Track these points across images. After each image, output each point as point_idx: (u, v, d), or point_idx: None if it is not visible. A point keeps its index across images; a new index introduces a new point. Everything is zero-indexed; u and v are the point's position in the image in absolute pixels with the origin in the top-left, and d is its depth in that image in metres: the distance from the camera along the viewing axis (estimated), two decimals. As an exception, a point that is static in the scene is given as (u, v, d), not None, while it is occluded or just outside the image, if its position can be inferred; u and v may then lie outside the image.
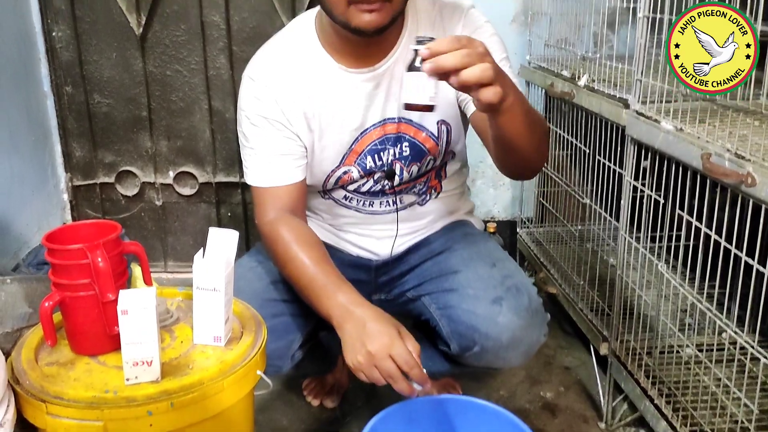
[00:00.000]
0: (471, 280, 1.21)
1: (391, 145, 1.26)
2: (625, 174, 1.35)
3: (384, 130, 1.25)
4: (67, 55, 2.07)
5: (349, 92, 1.22)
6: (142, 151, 2.18)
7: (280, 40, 1.26)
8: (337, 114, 1.23)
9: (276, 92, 1.22)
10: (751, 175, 0.90)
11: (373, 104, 1.23)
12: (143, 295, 0.89)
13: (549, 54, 1.92)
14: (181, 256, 2.30)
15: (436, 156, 1.30)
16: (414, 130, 1.26)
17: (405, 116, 1.25)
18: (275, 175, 1.24)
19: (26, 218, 1.98)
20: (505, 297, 1.17)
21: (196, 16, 2.04)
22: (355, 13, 1.07)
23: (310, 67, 1.22)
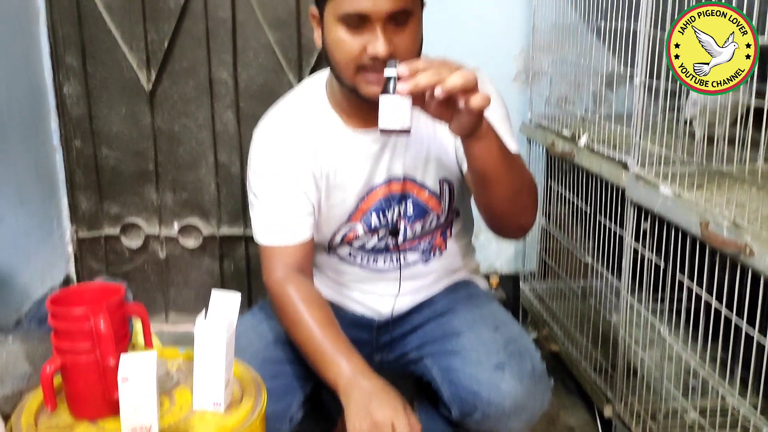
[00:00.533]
0: (474, 343, 1.21)
1: (396, 203, 1.28)
2: (625, 236, 1.35)
3: (389, 188, 1.27)
4: (78, 109, 2.12)
5: (356, 152, 1.24)
6: (148, 204, 2.21)
7: (291, 100, 1.29)
8: (345, 173, 1.25)
9: (285, 151, 1.24)
10: (749, 245, 0.91)
11: (380, 164, 1.25)
12: (144, 361, 0.89)
13: (550, 112, 1.95)
14: (183, 308, 2.30)
15: (439, 214, 1.31)
16: (417, 188, 1.28)
17: (410, 175, 1.26)
18: (283, 233, 1.25)
19: (30, 271, 1.99)
20: (508, 363, 1.16)
21: (205, 73, 2.09)
22: (362, 81, 1.10)
23: (319, 127, 1.24)
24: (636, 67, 1.27)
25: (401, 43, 1.08)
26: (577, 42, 1.78)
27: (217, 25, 2.06)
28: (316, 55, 2.07)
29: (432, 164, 1.26)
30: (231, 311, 1.03)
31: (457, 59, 1.33)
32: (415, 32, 1.11)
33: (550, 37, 1.94)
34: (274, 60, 2.08)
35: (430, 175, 1.27)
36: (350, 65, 1.10)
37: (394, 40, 1.08)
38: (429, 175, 1.27)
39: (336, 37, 1.09)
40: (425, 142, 1.25)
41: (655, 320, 1.31)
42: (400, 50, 1.08)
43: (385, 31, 1.06)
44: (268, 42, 2.06)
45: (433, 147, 1.25)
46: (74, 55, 2.07)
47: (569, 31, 1.85)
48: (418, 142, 1.25)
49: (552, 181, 1.97)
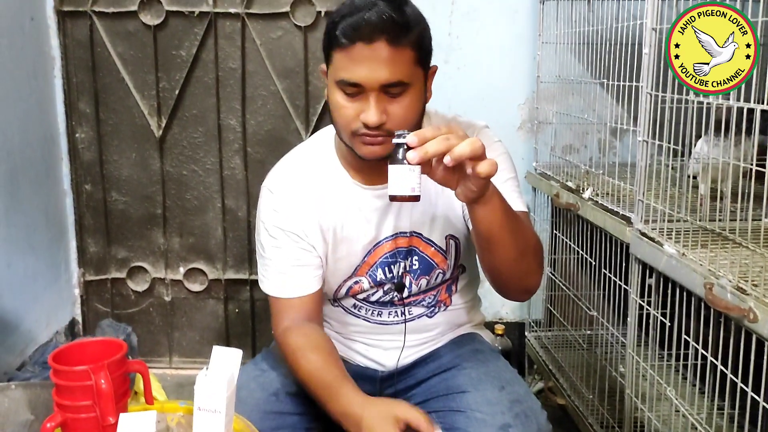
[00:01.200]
0: (479, 403, 1.19)
1: (402, 258, 1.28)
2: (630, 291, 1.35)
3: (396, 243, 1.27)
4: (89, 155, 2.15)
5: (363, 207, 1.25)
6: (155, 248, 2.22)
7: (299, 152, 1.31)
8: (352, 228, 1.26)
9: (293, 205, 1.25)
10: (753, 311, 0.90)
11: (387, 218, 1.26)
12: (142, 421, 0.88)
13: (555, 162, 1.97)
14: (187, 351, 2.30)
15: (445, 270, 1.31)
16: (423, 244, 1.28)
17: (417, 230, 1.27)
18: (291, 286, 1.25)
19: (36, 314, 2.00)
20: (513, 425, 1.14)
21: (214, 120, 2.12)
22: (359, 143, 1.13)
23: (327, 181, 1.26)
24: (638, 125, 1.28)
25: (395, 112, 1.10)
26: (582, 93, 1.80)
27: (227, 74, 2.10)
28: (323, 102, 2.11)
29: (439, 220, 1.27)
30: (232, 367, 1.02)
31: (462, 109, 1.36)
32: (412, 103, 1.12)
33: (554, 88, 1.97)
34: (282, 107, 2.12)
35: (436, 231, 1.27)
36: (347, 128, 1.12)
37: (388, 110, 1.09)
38: (435, 231, 1.27)
39: (335, 100, 1.12)
40: (433, 198, 1.26)
41: (661, 378, 1.30)
42: (393, 120, 1.10)
43: (378, 101, 1.08)
44: (277, 90, 2.10)
45: (441, 203, 1.26)
46: (87, 102, 2.11)
47: (573, 83, 1.87)
48: (426, 197, 1.26)
49: (557, 231, 1.97)
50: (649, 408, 1.34)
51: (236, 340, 2.25)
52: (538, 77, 2.00)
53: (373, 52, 1.06)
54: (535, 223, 2.09)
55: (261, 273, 1.29)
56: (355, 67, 1.07)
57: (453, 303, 1.38)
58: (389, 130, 1.11)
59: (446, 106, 2.10)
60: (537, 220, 2.08)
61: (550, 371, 1.89)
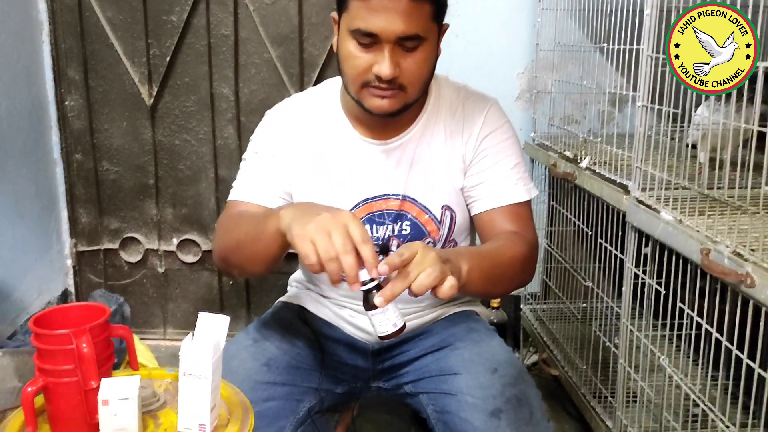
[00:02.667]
0: (471, 387, 1.17)
1: (390, 221, 1.26)
2: (626, 260, 1.33)
3: (386, 204, 1.25)
4: (79, 123, 2.12)
5: (358, 159, 1.23)
6: (147, 219, 2.20)
7: (308, 94, 1.30)
8: (344, 176, 1.24)
9: (287, 133, 1.24)
10: (750, 275, 0.88)
11: (380, 176, 1.24)
12: (125, 385, 0.87)
13: (553, 132, 1.94)
14: (181, 323, 2.29)
15: (436, 240, 1.28)
16: (417, 210, 1.26)
17: (410, 195, 1.25)
18: (254, 193, 1.24)
19: (27, 284, 1.98)
20: (504, 410, 1.12)
21: (206, 89, 2.09)
22: (368, 95, 1.11)
23: (328, 126, 1.25)
24: (638, 90, 1.25)
25: (408, 67, 1.09)
26: (582, 61, 1.77)
27: (219, 41, 2.05)
28: (318, 70, 2.07)
29: (437, 189, 1.25)
30: (218, 334, 1.00)
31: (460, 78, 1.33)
32: (425, 58, 1.11)
33: (553, 56, 1.93)
34: (275, 75, 2.08)
35: (433, 199, 1.25)
36: (357, 80, 1.11)
37: (402, 64, 1.08)
38: (432, 199, 1.25)
39: (347, 50, 1.10)
40: (433, 165, 1.24)
41: (655, 348, 1.28)
42: (406, 74, 1.09)
43: (393, 53, 1.07)
44: (270, 58, 2.06)
45: (441, 172, 1.24)
46: (76, 69, 2.07)
47: (573, 50, 1.84)
48: (426, 165, 1.24)
49: (554, 201, 1.94)
50: (643, 378, 1.33)
51: (230, 311, 2.24)
52: (538, 45, 1.96)
53: (392, 3, 1.04)
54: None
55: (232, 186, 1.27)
56: (372, 16, 1.05)
57: None
58: (401, 84, 1.10)
59: (445, 74, 2.05)
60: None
61: (545, 343, 1.88)
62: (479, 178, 1.23)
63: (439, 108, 1.24)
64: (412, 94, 1.13)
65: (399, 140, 1.23)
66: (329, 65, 2.06)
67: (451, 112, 1.24)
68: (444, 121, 1.24)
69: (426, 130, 1.24)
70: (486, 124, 1.23)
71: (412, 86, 1.12)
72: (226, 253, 1.21)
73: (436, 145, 1.24)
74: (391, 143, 1.23)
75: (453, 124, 1.23)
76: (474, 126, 1.23)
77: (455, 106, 1.24)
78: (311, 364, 1.30)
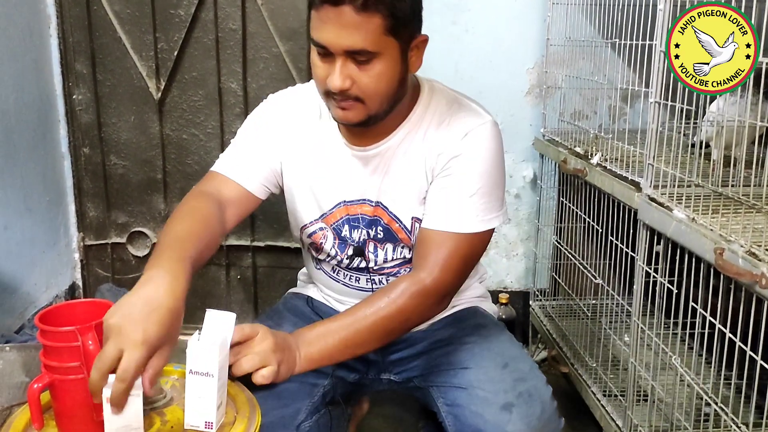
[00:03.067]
0: (482, 380, 1.16)
1: (365, 225, 1.26)
2: (637, 259, 1.31)
3: (362, 209, 1.25)
4: (87, 117, 2.11)
5: (340, 162, 1.23)
6: (155, 213, 2.19)
7: (310, 87, 1.28)
8: (326, 176, 1.25)
9: (283, 123, 1.25)
10: (765, 276, 0.86)
11: (358, 181, 1.24)
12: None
13: (563, 128, 1.92)
14: (189, 318, 2.25)
15: (410, 246, 1.28)
16: (389, 218, 1.25)
17: (383, 203, 1.24)
18: (238, 171, 1.23)
19: (35, 278, 1.98)
20: (516, 404, 1.11)
21: (214, 83, 2.08)
22: (332, 105, 1.11)
23: (318, 124, 1.25)
24: (651, 86, 1.23)
25: (361, 80, 1.07)
26: (593, 56, 1.75)
27: (227, 35, 2.04)
28: (327, 65, 2.05)
29: (408, 200, 1.23)
30: (225, 331, 1.00)
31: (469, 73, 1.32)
32: (382, 73, 1.07)
33: (564, 52, 1.91)
34: (284, 70, 2.07)
35: (403, 209, 1.24)
36: (320, 88, 1.12)
37: (354, 77, 1.07)
38: (402, 209, 1.24)
39: (312, 59, 1.11)
40: (408, 177, 1.23)
41: (666, 346, 1.26)
42: (361, 86, 1.08)
43: (344, 66, 1.06)
44: (279, 52, 2.05)
45: (409, 183, 1.23)
46: (84, 63, 2.07)
47: (584, 45, 1.82)
48: (400, 175, 1.23)
49: (564, 198, 1.93)
50: (653, 377, 1.31)
51: (238, 306, 2.24)
52: (548, 40, 1.94)
53: (338, 16, 1.02)
54: (541, 191, 2.05)
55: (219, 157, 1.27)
56: (322, 28, 1.04)
57: None
58: (357, 96, 1.09)
59: (453, 69, 2.05)
60: (544, 187, 2.04)
61: (554, 340, 1.86)
62: (434, 194, 1.20)
63: (424, 119, 1.21)
64: (372, 106, 1.10)
65: (377, 148, 1.21)
66: (337, 59, 2.04)
67: (436, 124, 1.20)
68: (426, 131, 1.21)
69: (404, 141, 1.21)
70: (464, 143, 1.17)
71: (370, 99, 1.09)
72: None
73: (413, 155, 1.21)
74: (370, 150, 1.22)
75: (435, 136, 1.20)
76: (451, 141, 1.18)
77: (444, 118, 1.20)
78: None
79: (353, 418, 1.64)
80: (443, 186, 1.19)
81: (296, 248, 2.16)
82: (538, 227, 2.10)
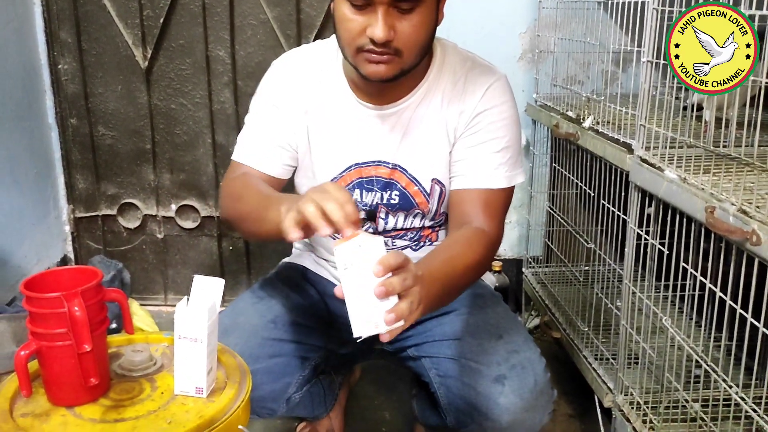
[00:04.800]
0: (475, 352, 1.16)
1: (379, 188, 1.24)
2: (629, 221, 1.31)
3: (377, 170, 1.23)
4: (73, 87, 2.08)
5: (353, 122, 1.21)
6: (145, 184, 2.17)
7: (314, 48, 1.27)
8: (338, 138, 1.22)
9: (292, 89, 1.23)
10: (756, 233, 0.86)
11: (373, 142, 1.21)
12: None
13: (556, 93, 1.90)
14: (182, 289, 2.28)
15: (425, 213, 1.26)
16: (407, 180, 1.23)
17: (401, 164, 1.22)
18: (259, 159, 1.23)
19: (25, 250, 1.97)
20: (508, 376, 1.11)
21: (202, 51, 2.04)
22: (363, 61, 1.07)
23: (327, 84, 1.22)
24: (643, 45, 1.21)
25: (403, 30, 1.04)
26: (585, 18, 1.72)
27: (213, 1, 2.01)
28: (316, 31, 2.02)
29: (426, 161, 1.22)
30: (214, 296, 0.99)
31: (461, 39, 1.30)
32: (422, 21, 1.05)
33: (557, 14, 1.88)
34: (272, 37, 2.03)
35: (422, 171, 1.23)
36: (351, 44, 1.07)
37: (397, 27, 1.04)
38: (421, 171, 1.23)
39: (341, 14, 1.06)
40: (427, 137, 1.21)
41: (657, 309, 1.27)
42: (401, 38, 1.05)
43: (387, 15, 1.02)
44: (267, 19, 2.01)
45: (431, 145, 1.21)
46: (69, 32, 2.03)
47: (576, 7, 1.79)
48: (420, 135, 1.21)
49: (556, 164, 1.91)
50: (645, 339, 1.32)
51: (231, 277, 2.23)
52: (541, 2, 1.91)
53: None
54: (534, 157, 2.04)
55: (238, 142, 1.26)
56: None
57: (440, 239, 1.33)
58: (397, 48, 1.06)
59: (444, 35, 1.99)
60: (537, 154, 2.03)
61: (547, 306, 1.87)
62: (462, 154, 1.19)
63: (440, 78, 1.20)
64: (408, 59, 1.08)
65: (396, 107, 1.19)
66: (327, 26, 2.01)
67: (452, 82, 1.19)
68: (443, 90, 1.20)
69: (424, 99, 1.20)
70: (485, 99, 1.18)
71: (408, 51, 1.07)
72: (232, 221, 1.20)
73: (432, 114, 1.20)
74: (387, 109, 1.20)
75: (452, 94, 1.19)
76: (472, 99, 1.18)
77: (458, 76, 1.20)
78: (316, 322, 1.30)
79: (344, 386, 1.65)
80: (471, 144, 1.18)
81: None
82: (531, 194, 2.09)
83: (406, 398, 1.69)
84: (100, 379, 0.94)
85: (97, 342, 0.92)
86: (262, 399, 1.20)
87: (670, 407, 1.32)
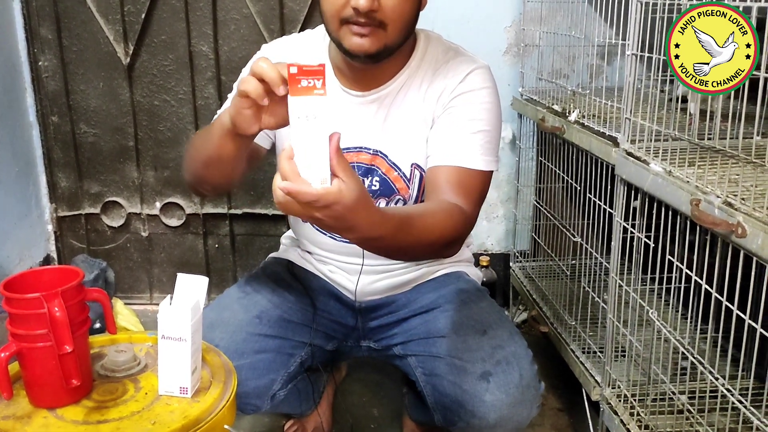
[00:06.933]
0: (459, 349, 1.15)
1: (360, 174, 1.23)
2: (615, 214, 1.31)
3: (358, 157, 1.23)
4: (54, 84, 2.05)
5: (336, 107, 1.21)
6: (129, 182, 2.15)
7: (303, 36, 1.28)
8: None
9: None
10: (741, 225, 0.86)
11: (355, 128, 1.21)
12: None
13: (541, 86, 1.89)
14: (167, 287, 2.26)
15: (406, 199, 1.25)
16: (387, 166, 1.23)
17: (381, 150, 1.22)
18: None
19: (7, 250, 1.94)
20: (494, 372, 1.10)
21: (185, 46, 2.02)
22: (347, 34, 1.07)
23: None
24: (627, 38, 1.21)
25: (387, 2, 1.04)
26: (570, 12, 1.72)
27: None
28: (299, 26, 2.00)
29: (408, 147, 1.21)
30: (198, 295, 0.98)
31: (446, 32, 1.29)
32: None
33: (542, 8, 1.88)
34: (255, 32, 2.01)
35: (402, 156, 1.22)
36: (335, 15, 1.07)
37: None
38: (401, 156, 1.22)
39: None
40: (407, 123, 1.20)
41: (644, 302, 1.27)
42: (385, 9, 1.05)
43: None
44: (250, 13, 1.99)
45: (414, 132, 1.21)
46: (49, 28, 2.00)
47: (561, 1, 1.78)
48: (400, 121, 1.21)
49: (543, 157, 1.91)
50: (631, 332, 1.32)
51: (217, 275, 2.22)
52: (525, -5, 1.90)
53: None
54: (520, 151, 2.03)
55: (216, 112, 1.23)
56: None
57: None
58: (381, 21, 1.05)
59: (429, 27, 1.98)
60: (523, 148, 2.03)
61: (534, 301, 1.87)
62: (439, 133, 1.17)
63: (422, 65, 1.20)
64: (392, 34, 1.08)
65: (377, 93, 1.20)
66: (310, 21, 2.00)
67: (433, 70, 1.19)
68: (423, 77, 1.20)
69: (405, 85, 1.20)
70: (465, 82, 1.17)
71: (393, 24, 1.06)
72: (188, 167, 1.17)
73: (413, 100, 1.20)
74: (369, 95, 1.20)
75: (432, 79, 1.19)
76: (452, 82, 1.18)
77: (440, 64, 1.20)
78: (302, 318, 1.29)
79: (331, 382, 1.64)
80: (448, 123, 1.16)
81: (274, 215, 2.14)
82: (517, 188, 2.09)
83: (394, 395, 1.69)
84: (82, 380, 0.92)
85: (78, 343, 0.91)
86: (247, 395, 1.19)
87: (657, 399, 1.32)
